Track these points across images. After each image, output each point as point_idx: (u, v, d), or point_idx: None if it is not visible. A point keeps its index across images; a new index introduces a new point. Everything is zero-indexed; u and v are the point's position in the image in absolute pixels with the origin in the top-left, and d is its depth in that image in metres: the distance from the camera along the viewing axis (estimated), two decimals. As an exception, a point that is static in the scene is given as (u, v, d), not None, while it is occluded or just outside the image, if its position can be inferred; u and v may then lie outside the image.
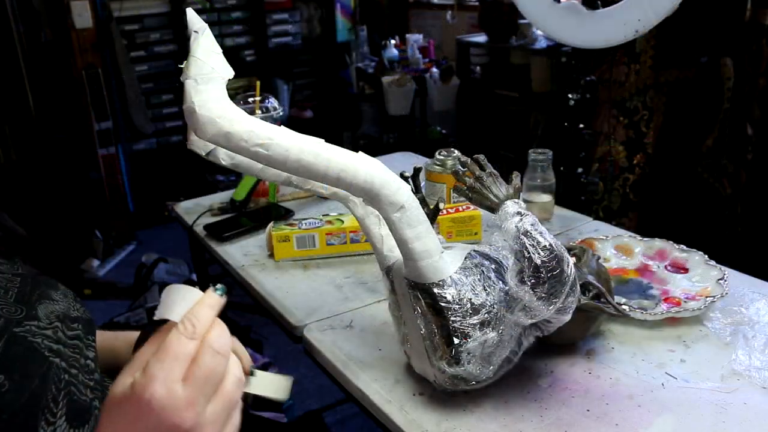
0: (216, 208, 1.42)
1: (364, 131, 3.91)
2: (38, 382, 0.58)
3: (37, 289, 0.68)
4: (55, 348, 0.63)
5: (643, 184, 2.03)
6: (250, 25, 3.72)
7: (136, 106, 3.35)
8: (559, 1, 1.35)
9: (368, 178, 0.67)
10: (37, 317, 0.64)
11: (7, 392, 0.55)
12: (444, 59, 3.75)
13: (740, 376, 0.81)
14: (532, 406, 0.78)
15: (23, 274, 0.69)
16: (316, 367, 0.95)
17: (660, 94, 1.98)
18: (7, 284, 0.65)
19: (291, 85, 3.93)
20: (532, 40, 3.14)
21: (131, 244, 3.39)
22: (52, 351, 0.62)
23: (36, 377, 0.58)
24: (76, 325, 0.68)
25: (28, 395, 0.56)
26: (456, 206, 1.23)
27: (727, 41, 1.91)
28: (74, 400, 0.61)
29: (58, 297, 0.69)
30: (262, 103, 1.40)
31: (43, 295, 0.67)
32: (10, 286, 0.65)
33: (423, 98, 3.65)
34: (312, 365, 0.97)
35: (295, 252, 1.18)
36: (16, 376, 0.56)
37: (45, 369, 0.60)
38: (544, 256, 0.67)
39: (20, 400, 0.56)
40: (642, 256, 1.11)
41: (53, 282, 0.71)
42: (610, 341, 0.90)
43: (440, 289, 0.71)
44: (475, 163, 0.78)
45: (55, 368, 0.61)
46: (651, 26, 1.24)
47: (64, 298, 0.70)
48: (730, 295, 0.95)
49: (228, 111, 0.63)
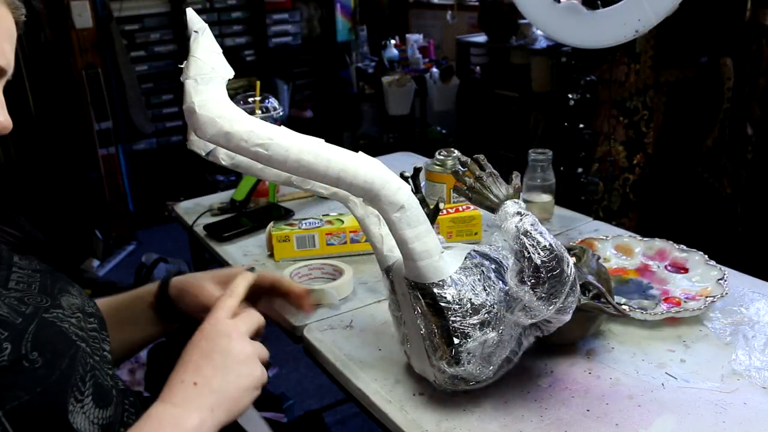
0: (216, 208, 1.42)
1: (364, 131, 3.91)
2: (68, 362, 0.62)
3: (57, 283, 0.72)
4: (81, 334, 0.67)
5: (643, 184, 2.03)
6: (250, 25, 3.72)
7: (136, 106, 3.35)
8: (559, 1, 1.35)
9: (368, 178, 0.67)
10: (61, 306, 0.68)
11: (39, 368, 0.59)
12: (444, 59, 3.75)
13: (740, 376, 0.81)
14: (532, 406, 0.78)
15: (42, 270, 0.72)
16: (316, 367, 0.95)
17: (660, 94, 1.98)
18: (29, 279, 0.69)
19: (291, 85, 3.93)
20: (532, 40, 3.14)
21: (131, 244, 3.39)
22: (78, 336, 0.66)
23: (66, 357, 0.62)
24: (92, 319, 0.73)
25: (58, 373, 0.60)
26: (456, 206, 1.23)
27: (727, 41, 1.91)
28: (99, 383, 0.65)
29: (75, 292, 0.73)
30: (262, 103, 1.40)
31: (62, 288, 0.72)
32: (32, 281, 0.69)
33: (423, 98, 3.65)
34: (312, 365, 0.97)
35: (295, 252, 1.18)
36: (48, 355, 0.60)
37: (73, 351, 0.64)
38: (544, 256, 0.67)
39: (51, 377, 0.59)
40: (642, 256, 1.11)
41: (68, 279, 0.76)
42: (610, 341, 0.90)
43: (440, 289, 0.71)
44: (475, 163, 0.78)
45: (81, 352, 0.65)
46: (651, 26, 1.24)
47: (80, 294, 0.74)
48: (730, 295, 0.95)
49: (228, 111, 0.63)
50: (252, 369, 0.68)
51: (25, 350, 0.59)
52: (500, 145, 3.36)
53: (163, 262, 2.80)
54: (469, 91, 3.60)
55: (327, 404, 2.05)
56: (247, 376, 0.67)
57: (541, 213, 1.28)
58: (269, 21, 3.78)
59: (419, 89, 3.57)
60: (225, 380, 0.65)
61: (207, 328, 0.69)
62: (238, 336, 0.69)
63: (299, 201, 1.46)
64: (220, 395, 0.64)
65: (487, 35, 3.38)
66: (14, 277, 0.68)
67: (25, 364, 0.58)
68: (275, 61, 3.83)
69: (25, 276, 0.69)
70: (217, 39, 0.65)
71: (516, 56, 3.25)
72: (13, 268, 0.69)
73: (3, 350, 0.58)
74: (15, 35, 0.64)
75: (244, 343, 0.69)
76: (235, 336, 0.68)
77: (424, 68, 3.66)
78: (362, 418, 1.58)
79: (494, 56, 3.46)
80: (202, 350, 0.66)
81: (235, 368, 0.66)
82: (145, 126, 3.43)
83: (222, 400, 0.64)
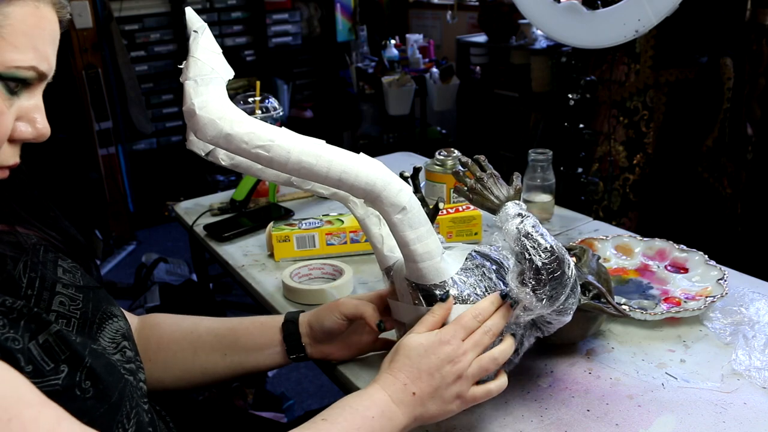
0: (216, 208, 1.42)
1: (364, 131, 3.91)
2: (117, 396, 0.61)
3: (100, 306, 0.68)
4: (128, 367, 0.66)
5: (643, 184, 2.03)
6: (250, 25, 3.72)
7: (136, 106, 3.34)
8: (559, 1, 1.35)
9: (370, 180, 0.67)
10: (107, 337, 0.67)
11: (90, 398, 0.57)
12: (444, 59, 3.74)
13: (740, 376, 0.81)
14: (532, 406, 0.78)
15: (84, 289, 0.67)
16: (316, 367, 0.95)
17: (660, 94, 1.98)
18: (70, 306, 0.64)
19: (291, 85, 3.92)
20: (532, 40, 3.14)
21: (131, 244, 3.39)
22: (126, 370, 0.65)
23: (116, 391, 0.61)
24: (130, 343, 0.70)
25: (107, 407, 0.59)
26: (456, 206, 1.23)
27: (727, 41, 1.91)
28: (141, 420, 0.64)
29: (118, 313, 0.71)
30: (262, 103, 1.40)
31: (106, 313, 0.68)
32: (74, 309, 0.65)
33: (423, 98, 3.65)
34: (312, 365, 0.97)
35: (295, 252, 1.18)
36: (101, 386, 0.59)
37: (123, 385, 0.63)
38: (545, 258, 0.67)
39: (100, 410, 0.58)
40: (642, 256, 1.11)
41: (110, 297, 0.72)
42: (610, 341, 0.90)
43: (441, 291, 0.71)
44: (475, 163, 0.78)
45: (129, 386, 0.64)
46: (651, 26, 1.24)
47: (122, 315, 0.72)
48: (730, 295, 0.95)
49: (228, 112, 0.62)
50: (458, 406, 0.71)
51: (80, 378, 0.57)
52: (500, 145, 3.36)
53: (163, 262, 2.80)
54: (469, 91, 3.60)
55: (327, 404, 2.04)
56: (449, 410, 0.71)
57: (541, 213, 1.28)
58: (269, 21, 3.78)
59: (419, 89, 3.57)
60: (434, 403, 0.69)
61: (436, 344, 0.69)
62: (462, 371, 0.69)
63: (299, 201, 1.46)
64: (426, 412, 0.69)
65: (487, 35, 3.38)
66: (56, 300, 0.63)
67: (77, 392, 0.57)
68: (275, 61, 3.83)
69: (67, 301, 0.64)
70: (217, 39, 0.65)
71: (516, 56, 3.25)
72: (56, 288, 0.64)
73: (60, 372, 0.56)
74: (58, 37, 0.61)
75: (463, 383, 0.70)
76: (459, 368, 0.69)
77: (424, 68, 3.66)
78: (362, 418, 1.58)
79: (494, 56, 3.46)
80: (427, 365, 0.69)
81: (446, 397, 0.69)
82: (145, 126, 3.42)
83: (425, 416, 0.70)
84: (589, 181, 1.88)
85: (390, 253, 0.78)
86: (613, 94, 1.99)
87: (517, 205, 0.73)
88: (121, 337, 0.69)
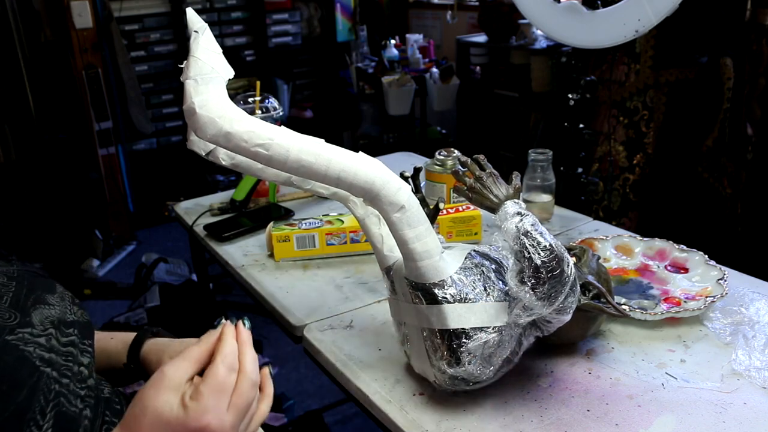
0: (216, 208, 1.42)
1: (364, 131, 3.91)
2: (26, 393, 0.57)
3: (33, 293, 0.66)
4: (47, 357, 0.62)
5: (643, 184, 2.03)
6: (250, 25, 3.72)
7: (136, 106, 3.35)
8: (559, 1, 1.35)
9: (369, 179, 0.67)
10: (32, 324, 0.63)
11: None
12: (444, 59, 3.75)
13: (740, 376, 0.81)
14: (532, 406, 0.78)
15: (19, 277, 0.67)
16: (316, 367, 0.95)
17: (660, 94, 1.98)
18: (1, 289, 0.64)
19: (291, 85, 3.93)
20: (532, 40, 3.14)
21: (131, 244, 3.39)
22: (43, 360, 0.61)
23: (25, 388, 0.57)
24: (72, 330, 0.67)
25: (13, 408, 0.56)
26: (456, 206, 1.23)
27: (727, 41, 1.91)
28: (63, 411, 0.60)
29: (54, 301, 0.68)
30: (262, 103, 1.40)
31: (38, 299, 0.66)
32: (5, 291, 0.64)
33: (423, 98, 3.65)
34: (312, 365, 0.97)
35: (295, 252, 1.18)
36: (5, 387, 0.56)
37: (35, 380, 0.59)
38: (545, 257, 0.67)
39: (4, 413, 0.55)
40: (642, 256, 1.11)
41: (51, 283, 0.70)
42: (610, 341, 0.90)
43: (441, 290, 0.71)
44: (475, 163, 0.78)
45: (45, 378, 0.60)
46: (651, 26, 1.24)
47: (61, 301, 0.69)
48: (730, 295, 0.95)
49: (228, 111, 0.63)
50: None
51: None
52: (500, 145, 3.36)
53: (163, 262, 2.80)
54: (469, 91, 3.60)
55: (327, 404, 2.05)
56: None
57: (541, 213, 1.28)
58: (269, 21, 3.78)
59: (419, 89, 3.57)
60: None
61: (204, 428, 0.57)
62: None
63: (299, 201, 1.46)
64: None
65: (487, 35, 3.38)
66: None
67: None
68: (275, 61, 3.83)
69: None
70: (217, 39, 0.65)
71: (516, 56, 3.25)
72: None
73: None
74: None
75: None
76: None
77: (424, 68, 3.66)
78: (362, 418, 1.58)
79: (494, 56, 3.47)
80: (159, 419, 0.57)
81: None
82: (145, 126, 3.43)
83: None
84: (589, 181, 1.88)
85: (390, 253, 0.78)
86: (613, 94, 1.99)
87: (516, 203, 0.73)
88: (50, 324, 0.65)
